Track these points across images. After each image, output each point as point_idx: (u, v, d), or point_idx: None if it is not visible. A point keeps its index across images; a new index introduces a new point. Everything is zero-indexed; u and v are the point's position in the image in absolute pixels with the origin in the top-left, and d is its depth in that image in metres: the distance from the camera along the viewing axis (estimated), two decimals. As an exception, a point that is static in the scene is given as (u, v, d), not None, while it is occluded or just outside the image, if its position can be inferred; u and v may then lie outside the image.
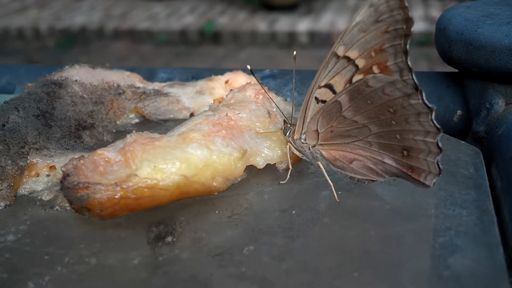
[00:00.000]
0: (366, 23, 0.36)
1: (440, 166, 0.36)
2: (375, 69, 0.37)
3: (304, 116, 0.40)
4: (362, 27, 0.36)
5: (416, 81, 0.35)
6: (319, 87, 0.38)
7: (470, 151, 0.46)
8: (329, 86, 0.38)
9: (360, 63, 0.37)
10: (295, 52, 0.45)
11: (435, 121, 0.35)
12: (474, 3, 0.57)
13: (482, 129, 0.52)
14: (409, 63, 0.36)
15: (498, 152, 0.47)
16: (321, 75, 0.38)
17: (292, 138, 0.41)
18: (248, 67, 0.42)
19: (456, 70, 0.56)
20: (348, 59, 0.37)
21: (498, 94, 0.52)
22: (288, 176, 0.41)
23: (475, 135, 0.53)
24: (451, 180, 0.41)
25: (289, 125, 0.41)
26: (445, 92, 0.57)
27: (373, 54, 0.36)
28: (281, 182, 0.41)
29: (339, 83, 0.38)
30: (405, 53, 0.36)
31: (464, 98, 0.56)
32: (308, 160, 0.41)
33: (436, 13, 2.91)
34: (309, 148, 0.41)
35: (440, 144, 0.35)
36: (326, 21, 3.03)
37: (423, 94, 0.35)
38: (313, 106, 0.39)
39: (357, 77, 0.37)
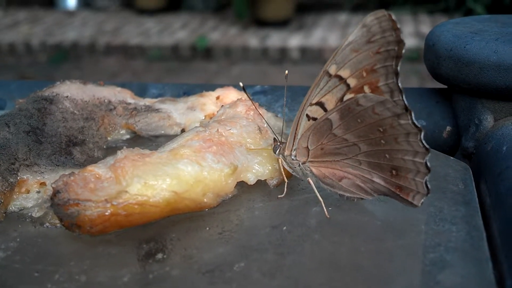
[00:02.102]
0: (359, 43, 0.36)
1: (429, 186, 0.36)
2: (366, 89, 0.37)
3: (295, 133, 0.40)
4: (355, 47, 0.36)
5: (406, 102, 0.36)
6: (311, 104, 0.39)
7: (459, 167, 0.47)
8: (321, 104, 0.38)
9: (352, 82, 0.37)
10: (287, 72, 0.46)
11: (424, 142, 0.35)
12: (463, 20, 0.58)
13: (471, 145, 0.53)
14: (399, 84, 0.36)
15: (487, 168, 0.47)
16: (313, 92, 0.38)
17: (283, 154, 0.41)
18: (241, 84, 0.43)
19: (445, 86, 0.57)
20: (340, 78, 0.37)
21: (487, 110, 0.52)
22: (285, 189, 0.42)
23: (464, 151, 0.53)
24: (440, 196, 0.41)
25: (279, 143, 0.41)
26: (434, 108, 0.57)
27: (364, 74, 0.37)
28: (279, 196, 0.41)
29: (330, 101, 0.38)
30: (396, 74, 0.36)
31: (453, 114, 0.56)
32: (298, 176, 0.42)
33: (426, 29, 2.94)
34: (299, 164, 0.41)
35: (428, 165, 0.36)
36: (317, 37, 3.05)
37: (412, 115, 0.35)
38: (304, 123, 0.39)
39: (348, 96, 0.38)
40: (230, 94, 0.54)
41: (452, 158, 0.48)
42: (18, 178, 0.41)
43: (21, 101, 0.50)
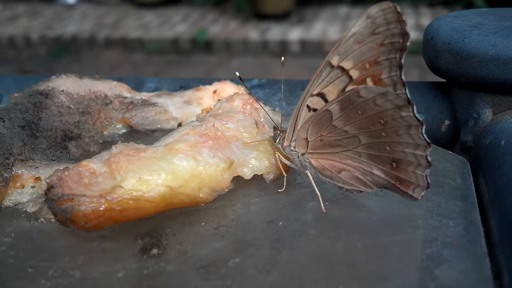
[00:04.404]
0: (362, 34, 0.36)
1: (429, 180, 0.36)
2: (369, 81, 0.37)
3: (295, 124, 0.40)
4: (358, 38, 0.36)
5: (409, 96, 0.35)
6: (312, 95, 0.38)
7: (458, 161, 0.46)
8: (322, 95, 0.38)
9: (354, 74, 0.37)
10: (283, 58, 0.45)
11: (425, 135, 0.35)
12: (462, 13, 0.58)
13: (470, 139, 0.52)
14: (403, 77, 0.36)
15: (485, 162, 0.47)
16: (314, 83, 0.38)
17: (282, 145, 0.41)
18: (237, 73, 0.42)
19: (444, 80, 0.57)
20: (342, 69, 0.37)
21: (486, 104, 0.52)
22: (285, 183, 0.41)
23: (463, 145, 0.53)
24: (438, 191, 0.41)
25: (279, 132, 0.41)
26: (432, 102, 0.57)
27: (367, 66, 0.36)
28: (279, 190, 0.41)
29: (331, 93, 0.38)
30: (400, 67, 0.36)
31: (452, 108, 0.56)
32: (297, 168, 0.41)
33: (426, 21, 2.92)
34: (298, 156, 0.41)
35: (429, 158, 0.35)
36: (317, 30, 3.04)
37: (414, 108, 0.35)
38: (304, 114, 0.39)
39: (350, 88, 0.37)
40: (227, 88, 0.54)
41: (450, 152, 0.48)
42: (13, 173, 0.41)
43: (17, 95, 0.50)
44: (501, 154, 0.45)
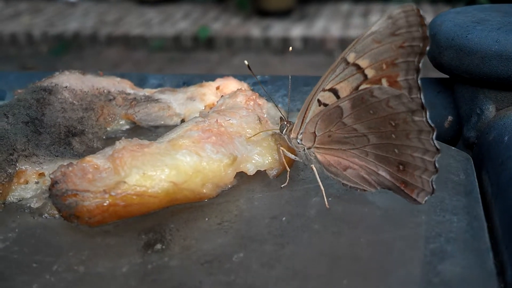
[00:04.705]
0: (382, 34, 0.35)
1: (434, 186, 0.36)
2: (384, 82, 0.36)
3: (304, 117, 0.40)
4: (377, 38, 0.35)
5: (423, 101, 0.35)
6: (324, 90, 0.38)
7: (461, 157, 0.46)
8: (334, 91, 0.38)
9: (370, 73, 0.37)
10: (291, 48, 0.45)
11: (435, 141, 0.35)
12: (465, 9, 0.58)
13: (473, 135, 0.52)
14: (419, 82, 0.35)
15: (488, 158, 0.47)
16: (327, 78, 0.38)
17: (288, 136, 0.41)
18: (246, 62, 0.42)
19: (447, 76, 0.57)
20: (358, 67, 0.37)
21: (489, 100, 0.52)
22: (288, 178, 0.41)
23: (466, 141, 0.53)
24: (441, 186, 0.41)
25: (286, 123, 0.41)
26: (435, 98, 0.57)
27: (384, 66, 0.36)
28: (282, 186, 0.41)
29: (344, 89, 0.38)
30: (417, 71, 0.35)
31: (455, 104, 0.56)
32: (301, 161, 0.41)
33: (429, 18, 2.89)
34: (304, 149, 0.41)
35: (437, 165, 0.35)
36: (319, 26, 3.03)
37: (427, 113, 0.35)
38: (314, 108, 0.39)
39: (364, 87, 0.37)
40: (230, 84, 0.54)
41: (453, 148, 0.48)
42: (17, 168, 0.41)
43: (20, 92, 0.50)
44: (504, 149, 0.45)
